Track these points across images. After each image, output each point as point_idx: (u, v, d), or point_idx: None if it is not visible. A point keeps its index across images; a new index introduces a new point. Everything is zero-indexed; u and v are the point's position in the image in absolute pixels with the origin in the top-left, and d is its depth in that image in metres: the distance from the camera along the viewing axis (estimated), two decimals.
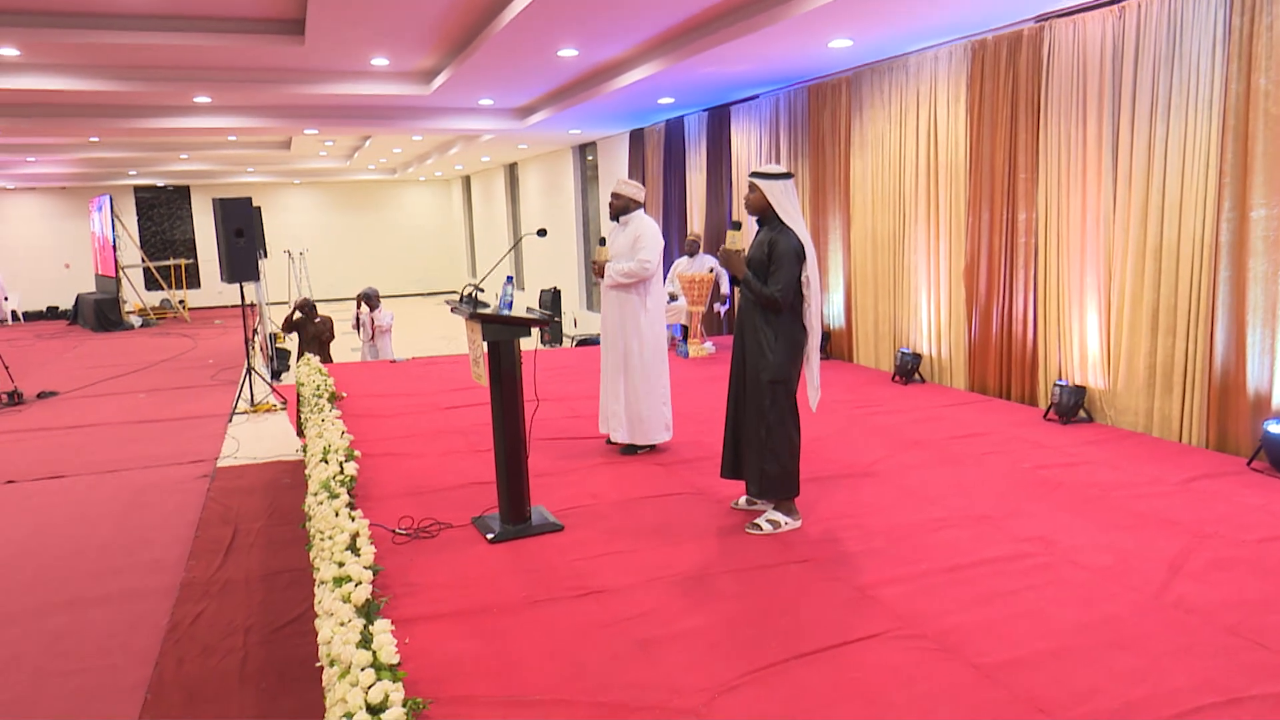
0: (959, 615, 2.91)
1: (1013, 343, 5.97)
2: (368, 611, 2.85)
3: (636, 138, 11.42)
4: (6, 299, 19.43)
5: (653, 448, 5.01)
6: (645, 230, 4.81)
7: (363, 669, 2.41)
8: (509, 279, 3.75)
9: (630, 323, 4.83)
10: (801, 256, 3.58)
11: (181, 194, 21.95)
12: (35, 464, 7.98)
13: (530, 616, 3.01)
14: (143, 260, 20.21)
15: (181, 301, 20.41)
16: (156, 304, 20.55)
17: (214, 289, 21.96)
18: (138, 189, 21.43)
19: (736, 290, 3.81)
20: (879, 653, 2.69)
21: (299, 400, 7.92)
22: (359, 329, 8.87)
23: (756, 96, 8.70)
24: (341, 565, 3.11)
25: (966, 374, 6.39)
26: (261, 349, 10.84)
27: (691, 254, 8.59)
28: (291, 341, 13.62)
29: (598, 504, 4.13)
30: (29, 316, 20.35)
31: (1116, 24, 5.01)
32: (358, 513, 3.60)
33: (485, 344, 3.63)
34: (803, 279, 3.59)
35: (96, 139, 15.49)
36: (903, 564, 3.34)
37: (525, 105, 10.36)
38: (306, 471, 4.60)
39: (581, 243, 14.42)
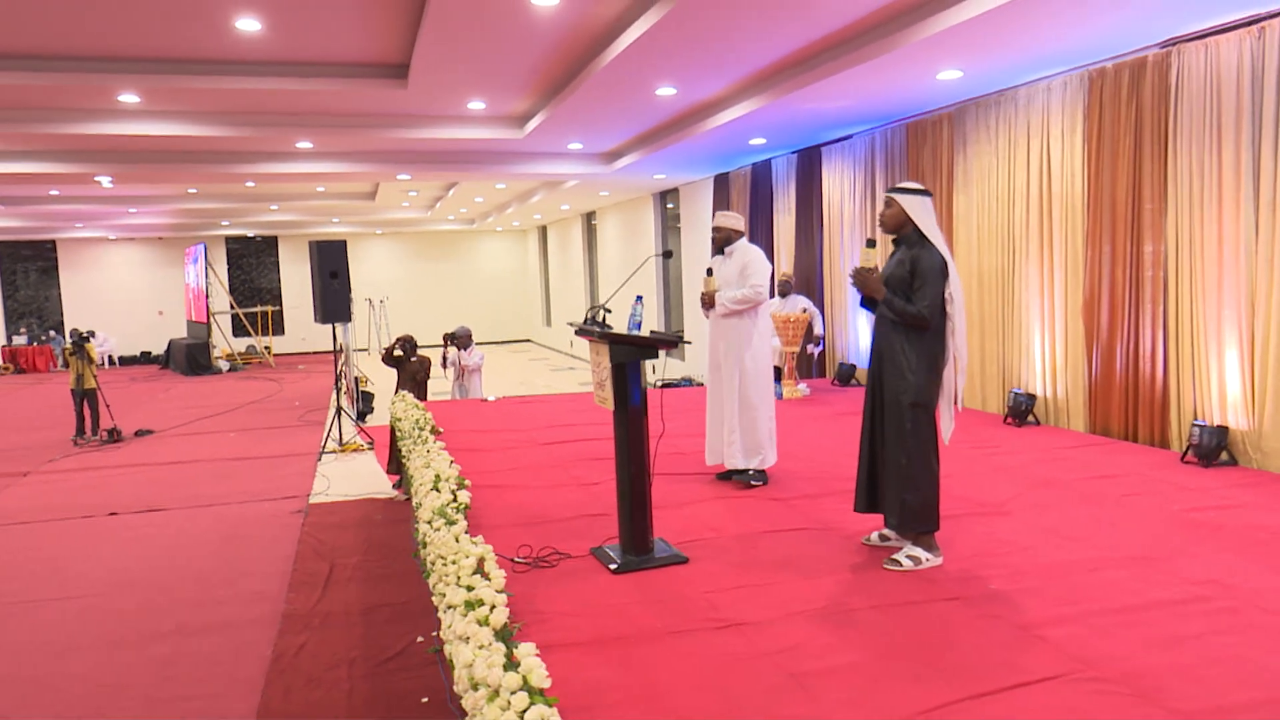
0: (1144, 659, 2.65)
1: (1140, 382, 5.66)
2: (504, 636, 2.72)
3: (721, 182, 11.40)
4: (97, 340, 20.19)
5: (764, 477, 4.85)
6: (752, 257, 4.76)
7: (513, 692, 2.27)
8: (639, 298, 3.66)
9: (745, 347, 4.75)
10: (945, 273, 3.42)
11: (269, 244, 22.72)
12: (136, 497, 8.14)
13: (670, 647, 2.84)
14: (231, 307, 20.89)
15: (267, 347, 20.99)
16: (243, 349, 21.16)
17: (297, 335, 22.55)
18: (228, 239, 22.25)
19: (871, 311, 3.66)
20: (1064, 696, 2.45)
21: (392, 437, 7.94)
22: (446, 367, 8.92)
23: (850, 136, 8.61)
24: (471, 589, 3.00)
25: (1086, 415, 6.07)
26: (347, 391, 11.00)
27: (784, 294, 8.45)
28: (374, 385, 13.82)
29: (719, 537, 3.96)
30: (123, 361, 21.14)
31: (1255, 44, 4.79)
32: (479, 538, 3.49)
33: (611, 366, 3.53)
34: (946, 296, 3.43)
35: (194, 190, 16.16)
36: (1063, 604, 3.09)
37: (613, 149, 10.45)
38: (416, 500, 4.53)
39: (661, 289, 14.40)
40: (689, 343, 4.36)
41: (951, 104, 7.14)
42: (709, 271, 4.77)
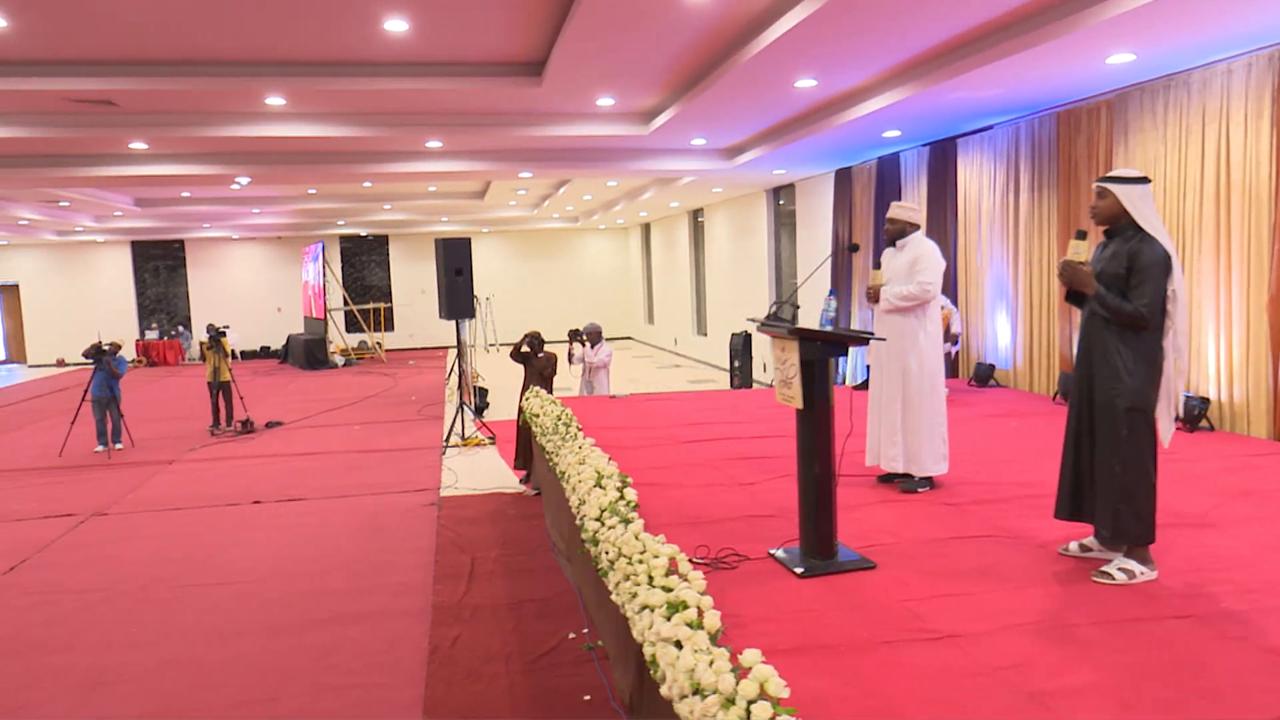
0: None
1: None
2: (713, 640, 2.62)
3: (843, 177, 11.12)
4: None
5: (930, 483, 4.64)
6: (925, 251, 4.55)
7: (751, 701, 2.17)
8: (831, 293, 3.53)
9: (909, 346, 4.54)
10: (1168, 268, 3.18)
11: (380, 242, 23.35)
12: (275, 487, 8.40)
13: (885, 658, 2.70)
14: (346, 303, 21.56)
15: (378, 343, 21.58)
16: (355, 345, 21.80)
17: (405, 332, 23.12)
18: (342, 238, 22.96)
19: (1078, 306, 3.42)
20: None
21: (520, 433, 7.99)
22: (572, 363, 8.93)
23: (990, 127, 8.26)
24: (669, 590, 2.92)
25: (1270, 421, 5.64)
26: (467, 386, 11.15)
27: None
28: (485, 380, 14.01)
29: (900, 543, 3.79)
30: (244, 355, 22.05)
31: None
32: (660, 537, 3.42)
33: (799, 364, 3.40)
34: (1168, 293, 3.18)
35: (314, 190, 16.71)
36: None
37: (736, 145, 10.30)
38: (575, 498, 4.49)
39: (773, 287, 14.18)
40: (883, 339, 4.18)
41: (1112, 90, 6.75)
42: (876, 264, 4.59)
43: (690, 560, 3.61)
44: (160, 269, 22.56)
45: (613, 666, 4.31)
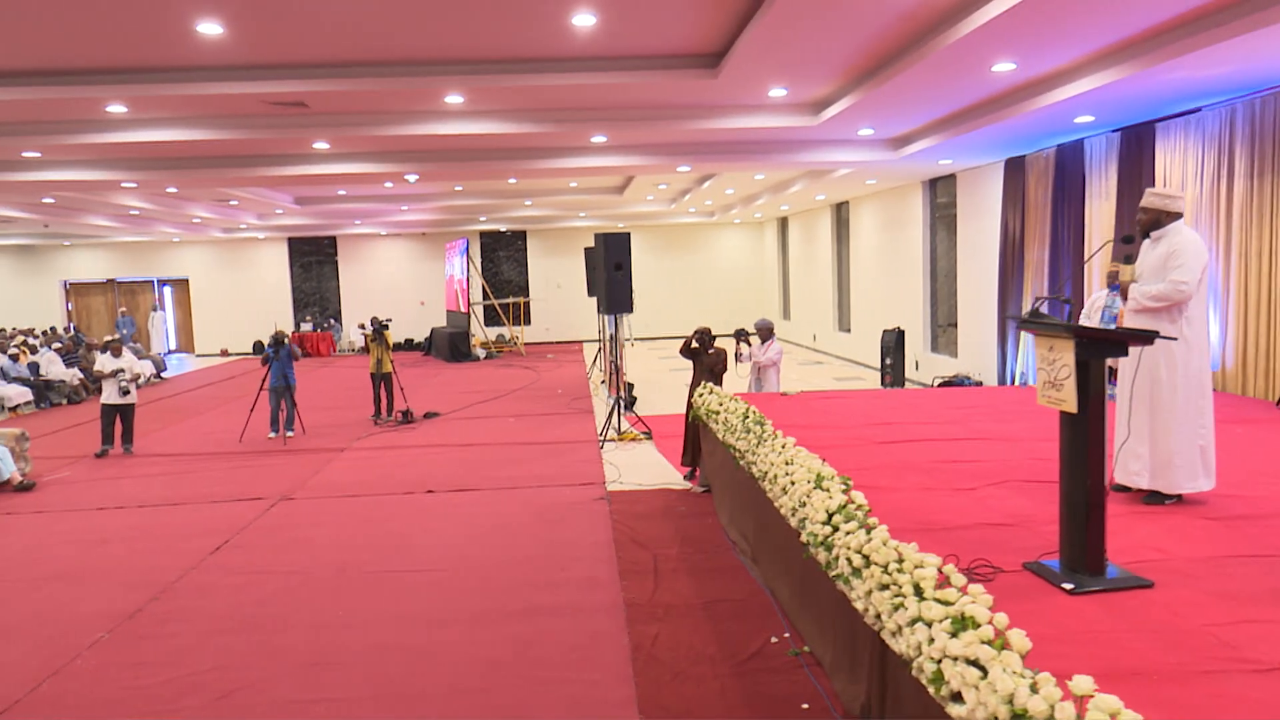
0: None
1: None
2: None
3: (1014, 166, 10.57)
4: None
5: (1179, 498, 4.26)
6: (1182, 246, 4.13)
7: None
8: (1113, 289, 3.26)
9: (1160, 350, 4.15)
10: None
11: (518, 237, 23.81)
12: (445, 476, 8.59)
13: (1210, 691, 2.44)
14: (487, 296, 22.07)
15: (517, 336, 22.02)
16: (494, 338, 22.31)
17: (542, 326, 23.51)
18: (482, 233, 23.52)
19: None
20: None
21: (690, 429, 7.91)
22: (739, 362, 8.80)
23: (1198, 110, 7.63)
24: (947, 603, 2.74)
25: None
26: (619, 381, 11.18)
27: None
28: (627, 375, 14.04)
29: (1170, 559, 3.47)
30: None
31: None
32: (912, 544, 3.23)
33: (1074, 364, 3.14)
34: None
35: (460, 187, 17.13)
36: None
37: (904, 135, 9.92)
38: (791, 500, 4.34)
39: (928, 282, 13.65)
40: (1173, 339, 3.86)
41: None
42: (1126, 258, 4.23)
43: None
44: (312, 264, 23.67)
45: (831, 675, 4.15)
